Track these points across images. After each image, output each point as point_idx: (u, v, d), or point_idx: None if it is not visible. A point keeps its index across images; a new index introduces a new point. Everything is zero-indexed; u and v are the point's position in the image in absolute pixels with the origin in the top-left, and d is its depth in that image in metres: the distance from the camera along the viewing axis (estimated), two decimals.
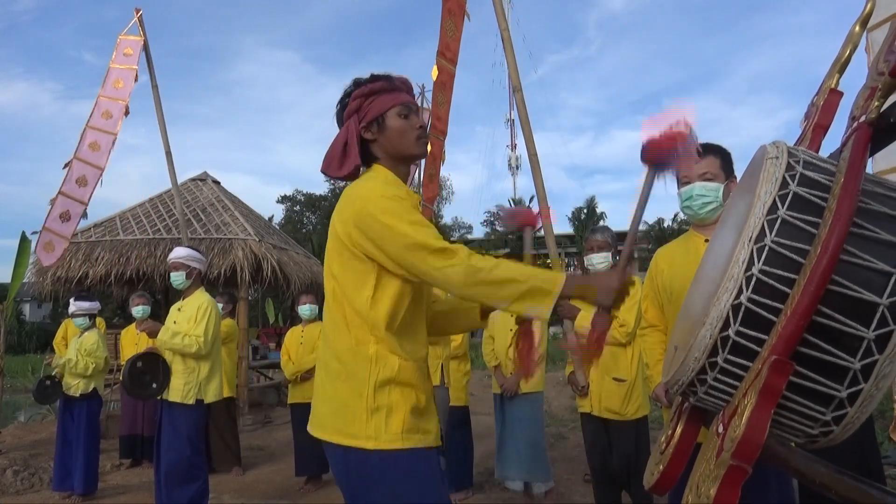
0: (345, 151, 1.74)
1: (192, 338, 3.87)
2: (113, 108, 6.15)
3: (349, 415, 1.61)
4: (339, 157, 1.74)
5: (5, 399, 8.29)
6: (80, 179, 6.02)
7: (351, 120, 1.75)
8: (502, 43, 4.16)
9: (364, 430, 1.59)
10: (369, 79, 1.78)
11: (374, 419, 1.59)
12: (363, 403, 1.60)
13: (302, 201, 45.77)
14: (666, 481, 1.22)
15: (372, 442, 1.57)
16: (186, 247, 4.24)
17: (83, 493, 4.97)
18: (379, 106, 1.74)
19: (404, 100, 1.77)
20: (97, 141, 6.06)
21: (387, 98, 1.75)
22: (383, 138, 1.75)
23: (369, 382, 1.61)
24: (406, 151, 1.77)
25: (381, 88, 1.75)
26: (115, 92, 6.21)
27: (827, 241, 0.84)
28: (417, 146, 1.78)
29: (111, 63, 6.28)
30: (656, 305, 2.62)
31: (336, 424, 1.64)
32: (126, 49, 6.34)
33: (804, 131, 1.24)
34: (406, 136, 1.75)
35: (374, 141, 1.76)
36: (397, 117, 1.74)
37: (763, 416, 0.83)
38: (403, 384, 1.64)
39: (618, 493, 3.67)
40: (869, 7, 1.12)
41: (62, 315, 5.93)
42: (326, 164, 1.77)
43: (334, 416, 1.65)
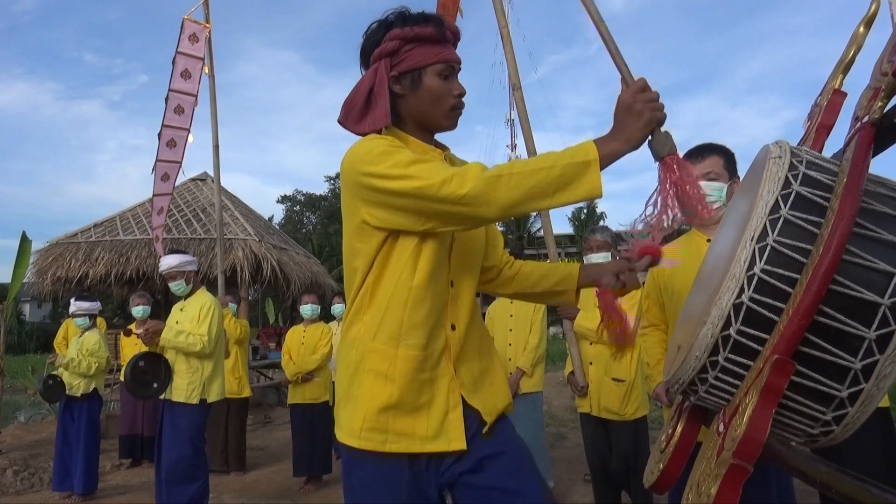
0: (369, 101, 1.45)
1: (195, 337, 3.87)
2: (184, 103, 5.88)
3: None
4: (361, 107, 1.46)
5: (5, 399, 8.29)
6: (164, 176, 6.04)
7: (381, 63, 1.44)
8: (502, 41, 4.16)
9: (338, 418, 1.46)
10: (416, 17, 1.46)
11: (345, 409, 1.44)
12: (340, 390, 1.48)
13: (302, 201, 45.79)
14: (666, 480, 1.22)
15: (340, 432, 1.44)
16: (175, 252, 4.21)
17: (83, 493, 4.97)
18: (420, 57, 1.44)
19: (450, 57, 1.47)
20: (174, 139, 5.91)
21: (431, 50, 1.45)
22: (414, 98, 1.46)
23: (347, 368, 1.46)
24: (435, 121, 1.50)
25: (427, 36, 1.44)
26: (183, 84, 5.86)
27: (829, 240, 0.84)
28: (449, 117, 1.49)
29: (178, 49, 5.85)
30: (657, 305, 2.62)
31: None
32: (191, 33, 5.88)
33: (807, 131, 1.24)
34: (441, 104, 1.46)
35: (401, 97, 1.46)
36: (437, 77, 1.45)
37: (764, 415, 0.83)
38: (375, 374, 1.41)
39: (617, 493, 3.67)
40: (874, 8, 1.12)
41: (62, 315, 5.94)
42: (345, 113, 1.49)
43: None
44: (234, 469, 5.77)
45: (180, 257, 4.09)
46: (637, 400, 3.54)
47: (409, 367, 1.40)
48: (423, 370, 1.42)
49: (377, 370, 1.40)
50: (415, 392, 1.41)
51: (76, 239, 9.61)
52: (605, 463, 3.61)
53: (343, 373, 1.47)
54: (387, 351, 1.40)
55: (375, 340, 1.41)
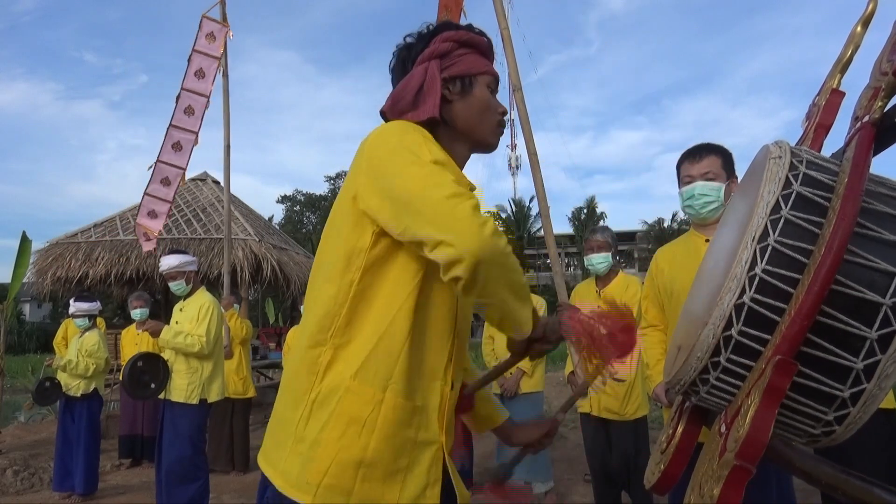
0: (416, 99, 1.31)
1: (194, 337, 3.87)
2: (195, 104, 5.67)
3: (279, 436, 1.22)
4: (409, 102, 1.32)
5: (5, 399, 8.29)
6: (164, 180, 5.80)
7: (432, 63, 1.32)
8: (502, 42, 4.16)
9: (281, 461, 1.18)
10: (469, 27, 1.39)
11: (295, 452, 1.16)
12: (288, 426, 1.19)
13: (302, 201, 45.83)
14: (667, 481, 1.22)
15: (282, 480, 1.16)
16: (175, 252, 4.21)
17: (83, 493, 4.98)
18: (473, 63, 1.35)
19: (496, 73, 1.40)
20: (179, 141, 5.71)
21: (483, 61, 1.37)
22: (463, 105, 1.33)
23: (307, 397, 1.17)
24: (481, 134, 1.37)
25: (479, 45, 1.37)
26: (196, 84, 5.65)
27: (831, 241, 0.84)
28: (494, 134, 1.39)
29: (194, 47, 5.67)
30: (657, 305, 2.62)
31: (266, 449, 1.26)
32: (208, 33, 5.68)
33: (806, 131, 1.24)
34: (488, 116, 1.36)
35: (449, 102, 1.33)
36: (487, 88, 1.36)
37: (767, 415, 0.83)
38: (350, 419, 1.14)
39: (617, 493, 3.67)
40: (871, 7, 1.12)
41: (62, 315, 5.93)
42: (391, 104, 1.34)
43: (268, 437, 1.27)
44: (239, 469, 5.78)
45: (180, 257, 4.09)
46: (637, 400, 3.54)
47: (395, 418, 1.16)
48: (409, 426, 1.18)
49: (353, 415, 1.14)
50: (394, 451, 1.16)
51: (76, 239, 9.61)
52: (605, 463, 3.61)
53: (298, 404, 1.18)
54: (370, 394, 1.15)
55: (357, 378, 1.16)
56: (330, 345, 1.18)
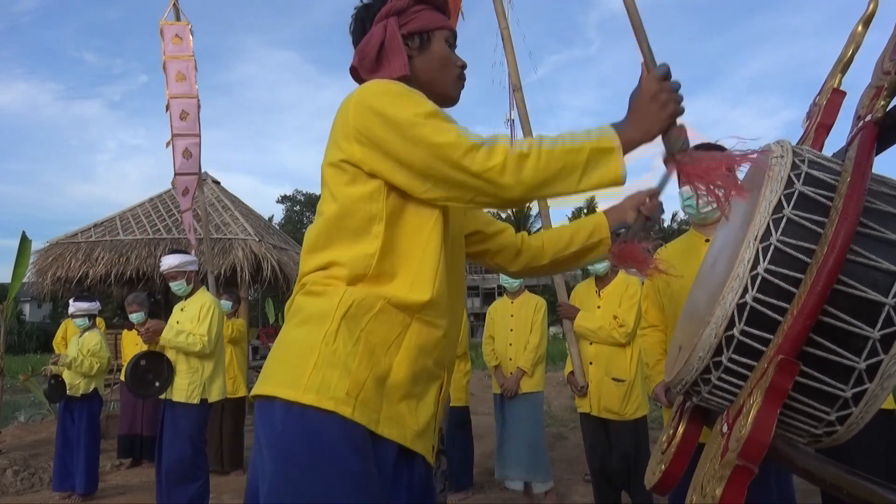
0: (380, 55, 1.35)
1: (195, 336, 3.87)
2: (188, 107, 5.69)
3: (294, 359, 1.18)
4: (372, 57, 1.35)
5: (5, 399, 8.28)
6: (184, 191, 5.89)
7: (390, 20, 1.35)
8: (502, 42, 4.16)
9: (290, 373, 1.16)
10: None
11: (311, 365, 1.14)
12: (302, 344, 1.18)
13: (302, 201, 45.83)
14: (668, 481, 1.22)
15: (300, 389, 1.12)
16: (176, 252, 4.21)
17: (83, 493, 4.97)
18: (429, 19, 1.38)
19: (453, 26, 1.43)
20: (188, 148, 5.70)
21: (438, 16, 1.40)
22: (423, 60, 1.36)
23: (331, 321, 1.17)
24: (443, 87, 1.39)
25: (433, 1, 1.40)
26: (179, 87, 5.67)
27: (833, 240, 0.84)
28: (455, 87, 1.41)
29: (164, 56, 5.69)
30: (657, 305, 2.62)
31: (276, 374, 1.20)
32: (174, 36, 5.71)
33: (807, 131, 1.24)
34: (448, 70, 1.39)
35: (409, 58, 1.36)
36: (444, 43, 1.39)
37: (769, 415, 0.82)
38: (378, 342, 1.18)
39: (617, 493, 3.67)
40: (872, 7, 1.12)
41: (62, 315, 5.92)
42: (359, 59, 1.38)
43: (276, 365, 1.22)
44: (228, 469, 5.76)
45: (181, 257, 4.09)
46: (637, 400, 3.54)
47: (419, 344, 1.21)
48: (429, 356, 1.24)
49: (384, 335, 1.18)
50: (413, 377, 1.20)
51: (76, 239, 9.60)
52: (605, 463, 3.61)
53: (323, 319, 1.17)
54: (401, 318, 1.20)
55: (391, 301, 1.19)
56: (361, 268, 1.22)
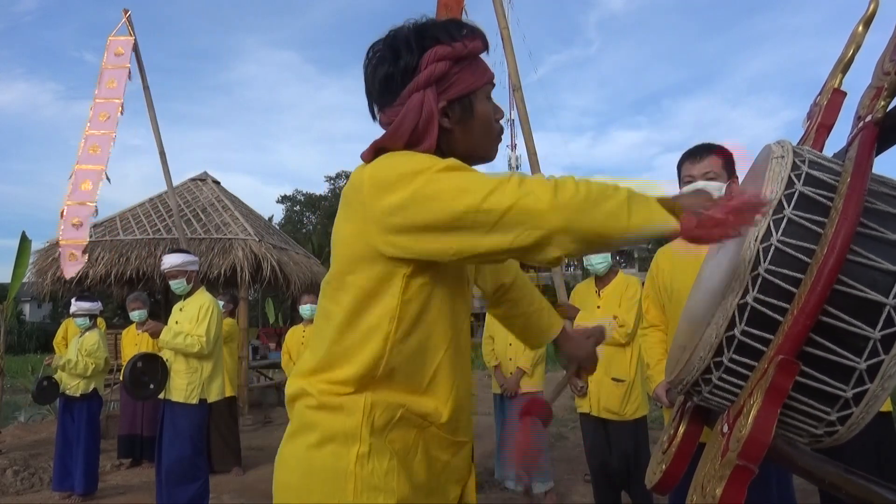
0: (414, 133, 1.12)
1: (194, 337, 3.87)
2: (109, 109, 6.19)
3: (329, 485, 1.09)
4: (406, 137, 1.12)
5: (5, 399, 8.28)
6: (84, 184, 6.09)
7: (428, 92, 1.12)
8: (502, 42, 4.16)
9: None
10: (458, 26, 1.16)
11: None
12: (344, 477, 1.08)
13: (302, 201, 45.84)
14: (668, 481, 1.22)
15: None
16: (177, 250, 4.22)
17: (83, 493, 4.97)
18: (470, 80, 1.15)
19: (492, 75, 1.21)
20: (97, 144, 6.09)
21: (480, 69, 1.17)
22: (464, 130, 1.16)
23: (360, 441, 1.08)
24: (485, 152, 1.22)
25: (476, 52, 1.16)
26: (109, 92, 6.25)
27: (833, 240, 0.84)
28: (495, 146, 1.23)
29: (103, 65, 6.33)
30: (657, 305, 2.62)
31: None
32: (117, 49, 6.37)
33: (807, 131, 1.24)
34: (489, 131, 1.20)
35: (447, 131, 1.15)
36: (487, 100, 1.19)
37: (769, 415, 0.83)
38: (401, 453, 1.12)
39: (617, 493, 3.67)
40: (872, 7, 1.12)
41: (62, 315, 5.91)
42: (390, 140, 1.14)
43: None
44: (223, 469, 5.75)
45: (183, 256, 4.10)
46: (637, 400, 3.54)
47: (438, 442, 1.17)
48: (447, 450, 1.19)
49: (404, 444, 1.12)
50: (435, 473, 1.17)
51: None
52: (604, 463, 3.61)
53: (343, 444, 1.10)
54: (416, 421, 1.14)
55: (409, 408, 1.12)
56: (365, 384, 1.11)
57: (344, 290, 1.12)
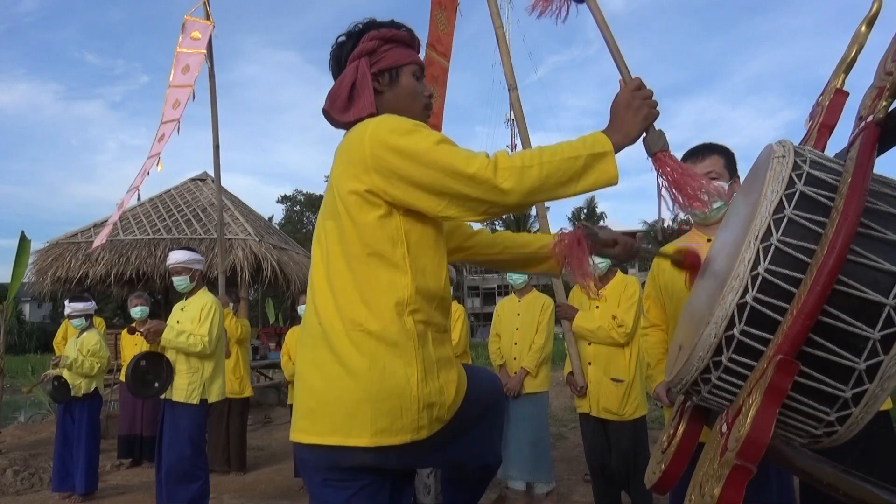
0: (351, 94, 1.50)
1: (196, 337, 3.87)
2: (181, 95, 5.86)
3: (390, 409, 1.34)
4: (344, 99, 1.51)
5: (5, 399, 8.28)
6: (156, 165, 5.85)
7: (361, 61, 1.52)
8: (496, 41, 4.15)
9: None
10: (390, 23, 1.58)
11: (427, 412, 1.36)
12: (410, 394, 1.33)
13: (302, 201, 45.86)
14: (668, 480, 1.22)
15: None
16: (184, 248, 4.22)
17: (83, 493, 4.97)
18: (397, 56, 1.54)
19: (420, 60, 1.60)
20: (164, 133, 5.84)
21: (406, 52, 1.56)
22: (392, 94, 1.54)
23: (416, 365, 1.35)
24: (413, 117, 1.51)
25: (402, 38, 1.56)
26: (182, 78, 5.87)
27: (834, 240, 0.84)
28: (423, 116, 1.57)
29: (178, 47, 5.89)
30: (658, 305, 2.62)
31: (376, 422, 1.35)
32: (193, 32, 5.92)
33: (809, 131, 1.24)
34: (416, 100, 1.56)
35: (380, 93, 1.53)
36: (412, 76, 1.56)
37: (768, 415, 0.82)
38: (451, 361, 1.45)
39: (617, 493, 3.67)
40: (875, 7, 1.12)
41: (62, 315, 5.89)
42: (330, 103, 1.54)
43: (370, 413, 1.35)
44: (235, 469, 5.77)
45: (189, 254, 4.10)
46: (636, 400, 3.54)
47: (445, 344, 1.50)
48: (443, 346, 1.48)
49: (437, 356, 1.42)
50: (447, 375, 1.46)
51: (76, 239, 9.61)
52: (604, 463, 3.61)
53: (403, 366, 1.35)
54: (438, 334, 1.45)
55: (430, 324, 1.43)
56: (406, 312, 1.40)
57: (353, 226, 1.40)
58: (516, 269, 1.96)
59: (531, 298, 4.49)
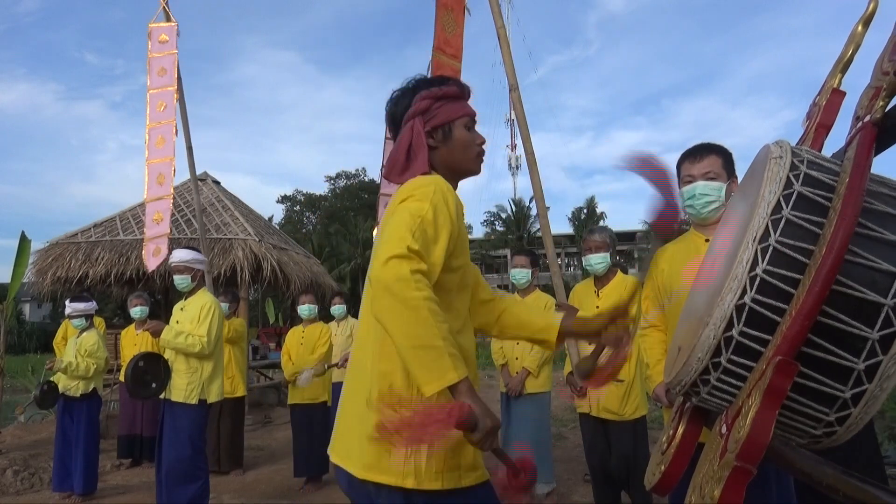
0: (408, 155, 1.61)
1: (195, 337, 3.87)
2: (165, 98, 6.03)
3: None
4: (403, 161, 1.62)
5: (5, 399, 8.29)
6: (158, 178, 5.96)
7: (415, 121, 1.63)
8: (499, 42, 4.16)
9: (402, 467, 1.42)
10: (439, 80, 1.70)
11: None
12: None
13: (302, 201, 45.88)
14: (667, 481, 1.22)
15: (412, 480, 1.42)
16: (187, 248, 4.23)
17: (83, 493, 4.97)
18: (448, 113, 1.64)
19: (472, 111, 1.70)
20: (161, 136, 5.95)
21: (456, 106, 1.66)
22: (446, 149, 1.65)
23: None
24: (465, 166, 1.68)
25: (452, 94, 1.67)
26: (161, 81, 6.04)
27: (832, 241, 0.83)
28: (476, 163, 1.70)
29: (149, 54, 6.07)
30: (656, 305, 2.62)
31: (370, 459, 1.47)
32: (160, 36, 6.11)
33: (806, 131, 1.24)
34: (469, 151, 1.67)
35: (434, 149, 1.64)
36: (464, 129, 1.66)
37: (768, 416, 0.82)
38: None
39: (617, 493, 3.67)
40: (872, 7, 1.12)
41: (62, 315, 5.89)
42: (389, 169, 1.66)
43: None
44: (227, 469, 5.76)
45: (192, 253, 4.10)
46: (636, 400, 3.54)
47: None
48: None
49: None
50: None
51: (76, 239, 9.60)
52: (604, 463, 3.61)
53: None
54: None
55: None
56: None
57: None
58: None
59: (534, 298, 4.49)
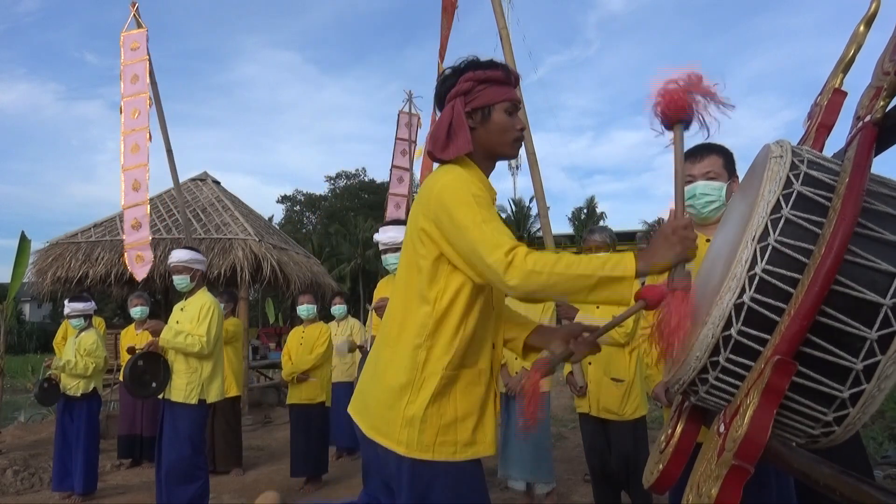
0: (449, 133, 1.66)
1: (194, 337, 3.87)
2: (139, 105, 6.12)
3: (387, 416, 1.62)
4: (444, 138, 1.66)
5: (5, 399, 8.29)
6: (134, 184, 6.05)
7: (457, 101, 1.67)
8: (500, 42, 4.16)
9: (397, 435, 1.59)
10: (487, 64, 1.71)
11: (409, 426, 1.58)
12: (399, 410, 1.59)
13: (302, 201, 45.88)
14: (666, 480, 1.22)
15: (403, 448, 1.57)
16: (186, 248, 4.22)
17: (83, 493, 4.96)
18: (490, 95, 1.67)
19: (514, 96, 1.71)
20: (136, 142, 6.03)
21: (499, 90, 1.68)
22: (484, 131, 1.68)
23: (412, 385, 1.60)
24: (502, 150, 1.72)
25: (496, 78, 1.69)
26: (134, 88, 6.15)
27: (831, 241, 0.83)
28: (513, 147, 1.72)
29: (122, 63, 6.19)
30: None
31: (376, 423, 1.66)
32: (132, 44, 6.23)
33: (808, 131, 1.24)
34: (507, 135, 1.69)
35: (472, 129, 1.68)
36: (504, 113, 1.68)
37: (766, 415, 0.82)
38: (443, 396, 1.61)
39: (617, 493, 3.67)
40: (874, 7, 1.12)
41: (62, 315, 5.89)
42: (431, 144, 1.69)
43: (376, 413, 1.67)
44: (224, 469, 5.74)
45: (191, 253, 4.10)
46: (636, 400, 3.53)
47: (468, 381, 1.65)
48: (477, 384, 1.67)
49: (444, 391, 1.60)
50: (472, 405, 1.64)
51: (76, 239, 9.60)
52: (604, 463, 3.61)
53: (405, 391, 1.59)
54: (456, 374, 1.61)
55: (448, 367, 1.59)
56: (424, 346, 1.60)
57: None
58: None
59: None
